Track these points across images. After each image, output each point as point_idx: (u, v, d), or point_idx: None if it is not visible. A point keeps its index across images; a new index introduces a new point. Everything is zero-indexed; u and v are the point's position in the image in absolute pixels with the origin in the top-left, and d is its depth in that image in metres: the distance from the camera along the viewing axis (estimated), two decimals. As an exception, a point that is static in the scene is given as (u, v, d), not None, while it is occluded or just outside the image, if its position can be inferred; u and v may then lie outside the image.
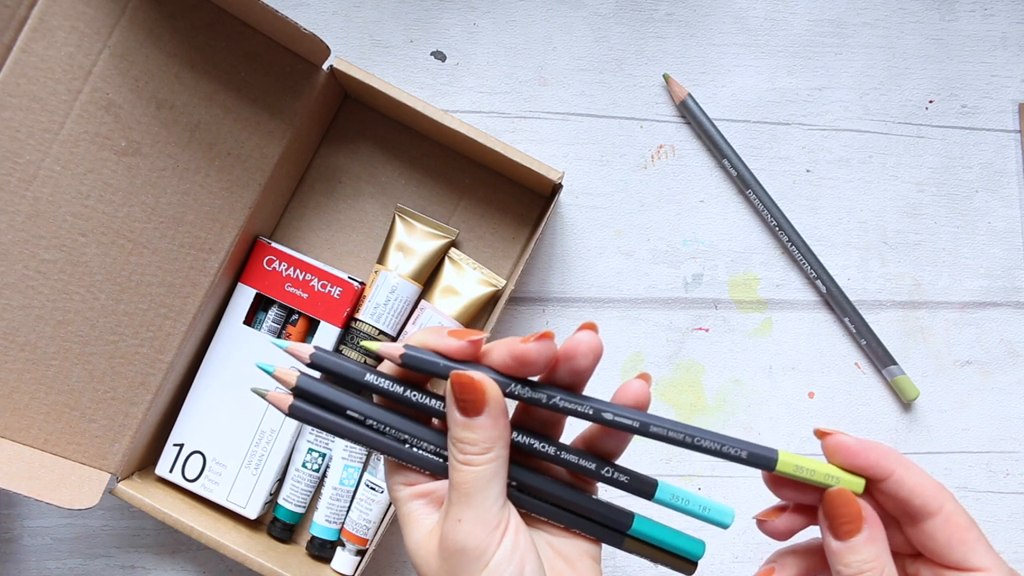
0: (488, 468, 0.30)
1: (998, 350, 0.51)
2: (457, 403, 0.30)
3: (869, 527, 0.31)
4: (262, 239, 0.48)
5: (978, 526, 0.32)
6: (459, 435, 0.30)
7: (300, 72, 0.45)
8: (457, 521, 0.29)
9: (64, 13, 0.40)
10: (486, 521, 0.29)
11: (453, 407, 0.30)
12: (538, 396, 0.30)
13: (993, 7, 0.52)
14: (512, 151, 0.45)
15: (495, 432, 0.30)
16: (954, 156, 0.52)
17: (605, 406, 0.29)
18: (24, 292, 0.42)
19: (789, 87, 0.52)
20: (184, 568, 0.50)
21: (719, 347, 0.51)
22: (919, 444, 0.51)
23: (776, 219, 0.50)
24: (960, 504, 0.32)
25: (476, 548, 0.29)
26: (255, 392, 0.30)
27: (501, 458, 0.30)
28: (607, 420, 0.29)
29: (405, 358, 0.30)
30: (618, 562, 0.50)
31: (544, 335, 0.29)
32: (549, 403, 0.29)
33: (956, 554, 0.31)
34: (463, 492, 0.29)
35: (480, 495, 0.29)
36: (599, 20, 0.51)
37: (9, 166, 0.41)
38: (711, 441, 0.29)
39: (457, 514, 0.29)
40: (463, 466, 0.29)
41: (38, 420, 0.43)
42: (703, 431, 0.30)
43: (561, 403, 0.29)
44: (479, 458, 0.30)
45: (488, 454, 0.30)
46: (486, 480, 0.30)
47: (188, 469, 0.47)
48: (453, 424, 0.30)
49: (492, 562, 0.29)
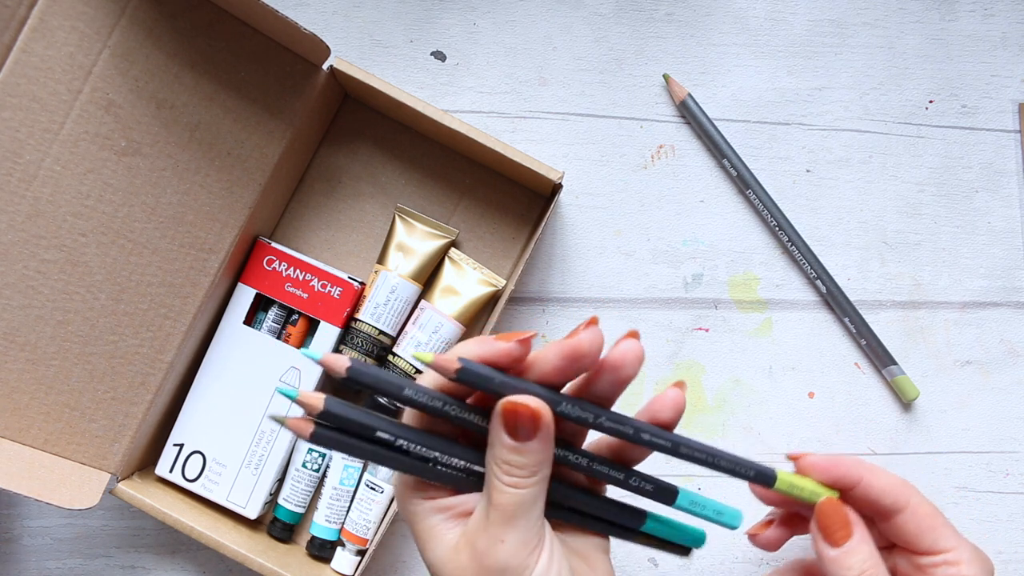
0: (534, 491, 0.29)
1: (998, 350, 0.51)
2: (508, 427, 0.29)
3: (859, 529, 0.34)
4: (262, 239, 0.48)
5: (942, 514, 0.35)
6: (507, 458, 0.29)
7: (300, 72, 0.45)
8: (500, 542, 0.29)
9: (64, 13, 0.40)
10: (527, 540, 0.29)
11: (501, 430, 0.29)
12: (586, 416, 0.30)
13: (993, 7, 0.52)
14: (512, 151, 0.45)
15: (543, 456, 0.30)
16: (954, 156, 0.52)
17: (644, 427, 0.31)
18: (24, 292, 0.42)
19: (789, 87, 0.52)
20: (184, 568, 0.50)
21: (719, 347, 0.51)
22: (919, 444, 0.51)
23: (776, 219, 0.50)
24: (924, 496, 0.35)
25: (518, 567, 0.29)
26: (274, 419, 0.28)
27: (546, 479, 0.30)
28: (644, 440, 0.31)
29: (461, 373, 0.29)
30: (619, 562, 0.50)
31: (590, 322, 0.30)
32: (595, 423, 0.30)
33: (926, 541, 0.35)
34: (507, 514, 0.29)
35: (524, 517, 0.29)
36: (599, 20, 0.51)
37: (9, 166, 0.41)
38: (727, 462, 0.33)
39: (500, 535, 0.29)
40: (510, 488, 0.29)
41: (38, 420, 0.43)
42: (722, 453, 0.33)
43: (607, 424, 0.31)
44: (526, 480, 0.29)
45: (535, 476, 0.29)
46: (531, 502, 0.29)
47: (188, 469, 0.47)
48: (500, 447, 0.29)
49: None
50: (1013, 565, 0.50)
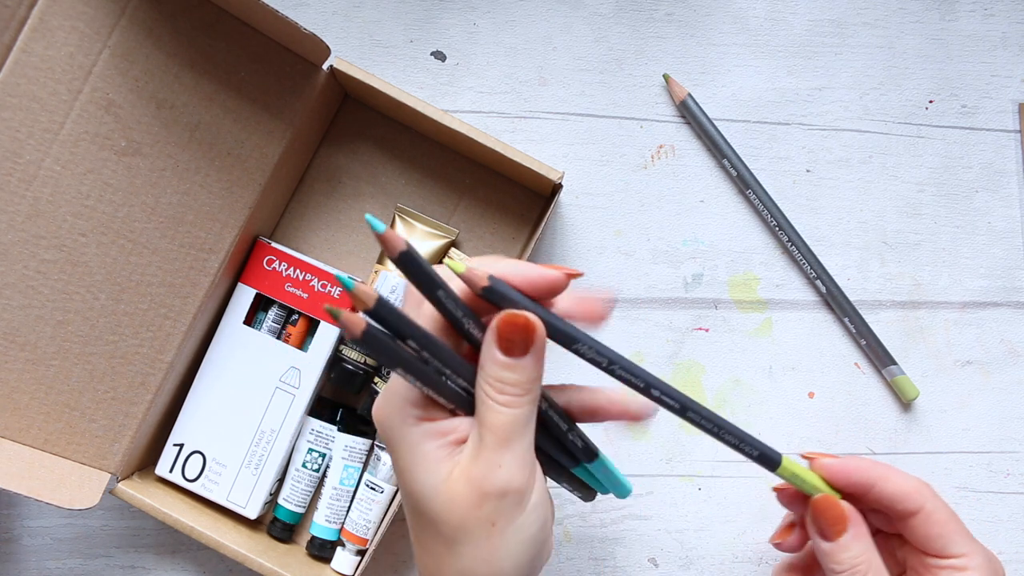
0: (526, 410, 0.29)
1: (998, 350, 0.51)
2: (501, 342, 0.28)
3: (854, 526, 0.35)
4: (262, 239, 0.48)
5: (957, 518, 0.36)
6: (500, 375, 0.29)
7: (300, 72, 0.45)
8: (498, 467, 0.28)
9: (64, 13, 0.40)
10: (524, 463, 0.29)
11: (494, 346, 0.29)
12: (600, 360, 0.30)
13: (993, 7, 0.52)
14: (512, 151, 0.45)
15: (536, 373, 0.29)
16: (954, 156, 0.52)
17: (656, 383, 0.31)
18: (24, 292, 0.42)
19: (789, 87, 0.52)
20: (184, 568, 0.50)
21: (719, 347, 0.51)
22: (919, 444, 0.51)
23: (776, 219, 0.50)
24: (940, 500, 0.36)
25: (518, 491, 0.29)
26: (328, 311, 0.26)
27: (536, 401, 0.30)
28: (653, 396, 0.31)
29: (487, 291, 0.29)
30: (618, 562, 0.50)
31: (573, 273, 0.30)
32: (608, 368, 0.31)
33: (936, 545, 0.35)
34: (502, 436, 0.28)
35: (519, 438, 0.29)
36: (599, 20, 0.51)
37: (9, 166, 0.41)
38: (732, 436, 0.33)
39: (496, 459, 0.28)
40: (503, 408, 0.28)
41: (38, 420, 0.43)
42: (730, 426, 0.33)
43: (619, 371, 0.31)
44: (519, 399, 0.29)
45: (528, 396, 0.29)
46: (525, 422, 0.29)
47: (188, 469, 0.47)
48: (492, 364, 0.29)
49: (531, 504, 0.29)
50: (1014, 565, 0.50)
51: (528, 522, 0.29)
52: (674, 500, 0.50)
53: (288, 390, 0.47)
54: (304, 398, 0.47)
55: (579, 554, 0.50)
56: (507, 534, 0.29)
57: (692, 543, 0.50)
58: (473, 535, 0.29)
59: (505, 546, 0.29)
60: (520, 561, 0.29)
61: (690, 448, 0.50)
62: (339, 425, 0.48)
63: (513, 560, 0.29)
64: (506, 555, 0.29)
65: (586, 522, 0.50)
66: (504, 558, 0.29)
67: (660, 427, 0.50)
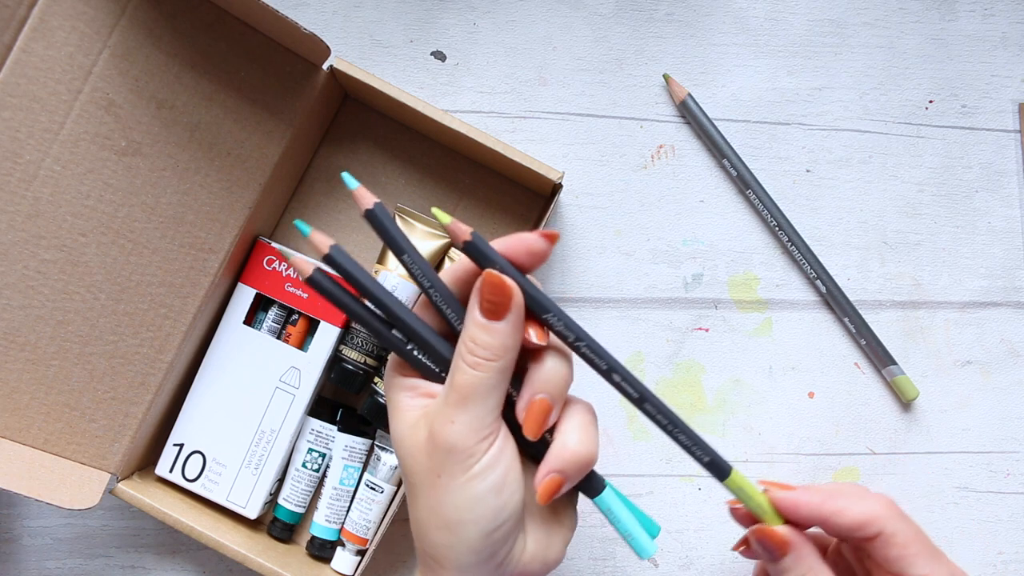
0: (492, 377, 0.30)
1: (998, 350, 0.51)
2: (483, 303, 0.30)
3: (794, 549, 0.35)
4: (262, 239, 0.48)
5: (921, 538, 0.36)
6: (474, 334, 0.30)
7: (300, 72, 0.45)
8: (450, 422, 0.30)
9: (64, 13, 0.40)
10: (478, 428, 0.30)
11: (476, 307, 0.30)
12: (568, 335, 0.31)
13: (993, 7, 0.52)
14: (512, 151, 0.45)
15: (509, 341, 0.30)
16: (954, 156, 0.52)
17: (618, 368, 0.32)
18: (24, 292, 0.42)
19: (789, 87, 0.52)
20: (184, 568, 0.50)
21: (719, 347, 0.51)
22: (919, 444, 0.51)
23: (776, 219, 0.50)
24: (902, 520, 0.35)
25: (464, 451, 0.30)
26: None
27: (507, 370, 0.30)
28: (613, 381, 0.32)
29: (468, 245, 0.30)
30: (618, 562, 0.50)
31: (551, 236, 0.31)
32: (574, 344, 0.31)
33: (896, 568, 0.35)
34: (462, 395, 0.30)
35: (479, 402, 0.30)
36: (599, 20, 0.51)
37: (9, 166, 0.41)
38: (686, 437, 0.33)
39: (451, 415, 0.30)
40: (470, 369, 0.30)
41: (38, 420, 0.43)
42: (684, 426, 0.33)
43: (583, 349, 0.31)
44: (487, 364, 0.30)
45: (496, 362, 0.30)
46: (487, 388, 0.30)
47: (188, 469, 0.47)
48: (471, 324, 0.30)
49: (477, 467, 0.30)
50: (1014, 565, 0.50)
51: (472, 483, 0.30)
52: (674, 500, 0.50)
53: (288, 390, 0.47)
54: (304, 398, 0.47)
55: (579, 554, 0.50)
56: (450, 488, 0.30)
57: (692, 543, 0.50)
58: (424, 482, 0.31)
59: (449, 499, 0.30)
60: (465, 518, 0.30)
61: (690, 448, 0.50)
62: (339, 425, 0.48)
63: (458, 516, 0.30)
64: (451, 509, 0.30)
65: (586, 522, 0.50)
66: (450, 512, 0.30)
67: (660, 427, 0.50)
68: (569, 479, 0.31)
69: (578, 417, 0.32)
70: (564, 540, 0.34)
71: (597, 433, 0.32)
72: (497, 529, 0.30)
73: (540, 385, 0.31)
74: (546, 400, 0.31)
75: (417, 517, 0.32)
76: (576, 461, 0.31)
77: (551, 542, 0.33)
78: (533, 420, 0.31)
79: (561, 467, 0.31)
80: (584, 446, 0.31)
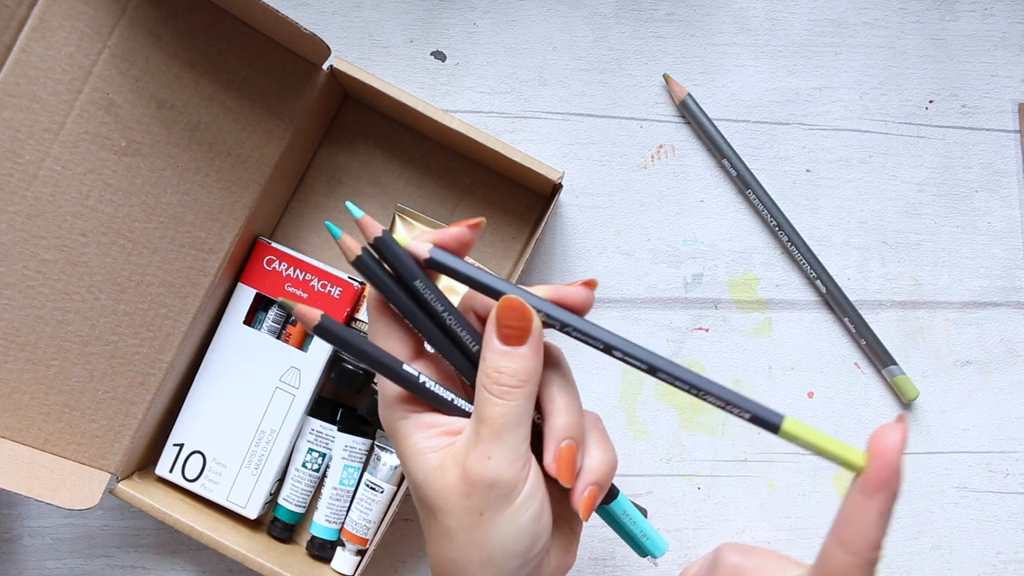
0: (521, 404, 0.29)
1: (998, 350, 0.51)
2: (501, 330, 0.29)
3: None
4: (262, 239, 0.48)
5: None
6: (496, 363, 0.29)
7: (300, 72, 0.45)
8: (487, 458, 0.29)
9: (64, 13, 0.40)
10: (514, 459, 0.29)
11: (494, 335, 0.29)
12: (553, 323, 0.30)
13: (993, 7, 0.52)
14: (512, 151, 0.45)
15: (532, 365, 0.29)
16: (954, 156, 0.52)
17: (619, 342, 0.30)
18: (24, 292, 0.42)
19: (789, 87, 0.52)
20: (184, 568, 0.50)
21: (719, 347, 0.51)
22: (919, 444, 0.51)
23: (776, 219, 0.50)
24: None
25: (507, 484, 0.29)
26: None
27: (533, 395, 0.30)
28: (617, 357, 0.30)
29: (429, 262, 0.29)
30: (618, 562, 0.50)
31: (589, 283, 0.31)
32: (563, 327, 0.30)
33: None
34: (494, 428, 0.29)
35: (511, 431, 0.29)
36: (599, 20, 0.51)
37: (9, 166, 0.41)
38: (717, 396, 0.29)
39: (487, 451, 0.29)
40: (497, 400, 0.29)
41: (38, 420, 0.43)
42: (712, 383, 0.30)
43: (574, 326, 0.30)
44: (515, 391, 0.29)
45: (523, 388, 0.29)
46: (518, 417, 0.29)
47: (188, 469, 0.47)
48: (491, 353, 0.29)
49: (520, 498, 0.29)
50: (1013, 565, 0.50)
51: (517, 515, 0.29)
52: (673, 499, 0.50)
53: (288, 390, 0.47)
54: (304, 398, 0.47)
55: (579, 554, 0.50)
56: (496, 524, 0.29)
57: (691, 542, 0.50)
58: (464, 523, 0.29)
59: (495, 535, 0.29)
60: (510, 551, 0.29)
61: (689, 448, 0.50)
62: (339, 425, 0.48)
63: (503, 549, 0.29)
64: (497, 544, 0.29)
65: (586, 522, 0.50)
66: (494, 547, 0.29)
67: (660, 427, 0.50)
68: (603, 489, 0.31)
69: (595, 429, 0.32)
70: (576, 546, 0.34)
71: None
72: (537, 554, 0.30)
73: (562, 432, 0.30)
74: (572, 445, 0.30)
75: (451, 557, 0.30)
76: (608, 472, 0.31)
77: (569, 551, 0.33)
78: (566, 468, 0.30)
79: (597, 479, 0.31)
80: (610, 454, 0.32)
